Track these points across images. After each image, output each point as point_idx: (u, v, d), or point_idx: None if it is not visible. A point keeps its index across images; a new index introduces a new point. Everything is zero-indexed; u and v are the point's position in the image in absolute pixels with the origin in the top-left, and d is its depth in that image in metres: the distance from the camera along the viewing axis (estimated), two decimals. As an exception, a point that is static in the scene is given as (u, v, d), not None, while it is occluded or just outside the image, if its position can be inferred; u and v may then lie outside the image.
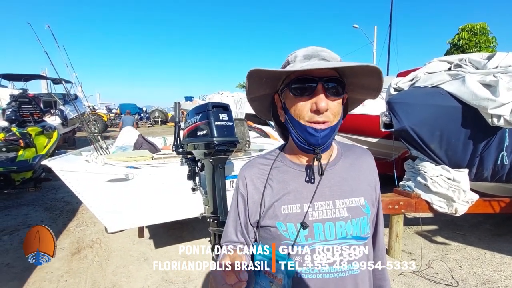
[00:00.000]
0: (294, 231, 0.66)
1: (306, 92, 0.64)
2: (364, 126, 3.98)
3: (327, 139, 0.66)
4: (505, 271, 2.74)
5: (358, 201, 0.70)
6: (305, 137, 0.65)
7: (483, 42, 12.14)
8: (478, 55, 2.84)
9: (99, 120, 14.86)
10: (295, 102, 0.65)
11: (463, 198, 2.67)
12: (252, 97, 0.75)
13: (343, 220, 0.68)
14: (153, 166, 2.62)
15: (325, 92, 0.63)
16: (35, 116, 7.12)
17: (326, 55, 0.66)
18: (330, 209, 0.68)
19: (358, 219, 0.68)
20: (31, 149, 5.07)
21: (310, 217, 0.67)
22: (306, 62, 0.65)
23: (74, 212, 4.29)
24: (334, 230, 0.67)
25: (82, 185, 2.35)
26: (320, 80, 0.63)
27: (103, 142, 3.31)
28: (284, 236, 0.67)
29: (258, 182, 0.73)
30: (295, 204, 0.68)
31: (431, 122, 2.58)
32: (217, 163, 1.97)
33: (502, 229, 3.69)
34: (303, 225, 0.65)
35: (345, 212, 0.68)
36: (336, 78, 0.64)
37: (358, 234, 0.68)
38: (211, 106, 1.95)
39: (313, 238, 0.66)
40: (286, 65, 0.69)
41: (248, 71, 0.64)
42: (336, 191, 0.70)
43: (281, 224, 0.67)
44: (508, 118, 2.27)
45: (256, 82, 0.68)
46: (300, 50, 0.69)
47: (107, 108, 24.60)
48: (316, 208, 0.68)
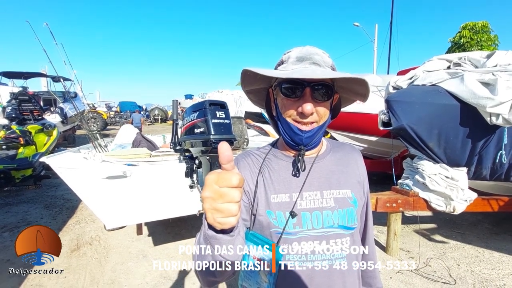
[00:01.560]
0: (283, 219, 0.68)
1: (294, 94, 0.66)
2: (363, 124, 3.97)
3: (311, 139, 0.69)
4: (503, 270, 2.74)
5: (345, 193, 0.73)
6: (290, 135, 0.69)
7: (485, 41, 12.08)
8: (478, 54, 2.83)
9: (99, 118, 14.88)
10: (284, 101, 0.68)
11: (462, 197, 2.67)
12: (248, 89, 0.79)
13: (329, 209, 0.70)
14: (151, 164, 2.62)
15: (313, 95, 0.66)
16: (35, 114, 7.13)
17: (318, 59, 0.68)
18: (318, 199, 0.71)
19: (345, 209, 0.71)
20: (31, 146, 5.09)
21: (298, 206, 0.69)
22: (298, 65, 0.68)
23: (74, 209, 4.31)
24: (321, 219, 0.69)
25: (80, 182, 2.36)
26: (308, 85, 0.65)
27: (101, 140, 3.31)
28: (273, 224, 0.69)
29: (253, 170, 0.75)
30: (285, 194, 0.71)
31: (429, 121, 2.57)
32: (214, 161, 1.97)
33: (501, 227, 3.69)
34: (291, 213, 0.68)
35: (332, 202, 0.71)
36: (325, 83, 0.66)
37: (345, 224, 0.70)
38: (208, 103, 1.95)
39: (301, 226, 0.68)
40: (280, 63, 0.72)
41: (242, 70, 0.67)
42: (324, 183, 0.73)
43: (270, 212, 0.70)
44: (506, 116, 2.26)
45: (251, 78, 0.70)
46: (294, 49, 0.71)
47: (107, 106, 24.61)
48: (304, 198, 0.70)
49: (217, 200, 0.45)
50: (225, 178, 0.44)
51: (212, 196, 0.45)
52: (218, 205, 0.45)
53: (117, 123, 19.16)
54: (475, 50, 10.39)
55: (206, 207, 0.46)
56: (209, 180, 0.45)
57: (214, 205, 0.45)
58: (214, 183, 0.45)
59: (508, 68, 2.43)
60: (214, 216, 0.46)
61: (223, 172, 0.45)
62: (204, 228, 0.52)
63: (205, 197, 0.46)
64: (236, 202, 0.45)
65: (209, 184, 0.45)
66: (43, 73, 10.30)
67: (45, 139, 5.72)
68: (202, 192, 0.47)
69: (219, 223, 0.47)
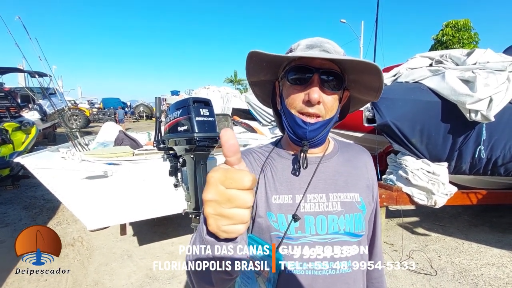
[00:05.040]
0: (284, 222, 0.63)
1: (302, 81, 0.62)
2: (348, 121, 4.01)
3: (316, 133, 0.64)
4: (481, 260, 2.86)
5: (353, 196, 0.67)
6: (294, 128, 0.64)
7: (466, 38, 12.46)
8: (458, 52, 2.89)
9: (80, 115, 14.41)
10: (290, 91, 0.63)
11: (442, 191, 2.75)
12: (253, 80, 0.73)
13: (335, 214, 0.64)
14: (134, 162, 2.56)
15: (321, 84, 0.61)
16: (12, 111, 6.79)
17: (329, 47, 0.64)
18: (323, 202, 0.65)
19: (352, 214, 0.65)
20: (8, 145, 4.85)
21: (301, 209, 0.64)
22: (307, 51, 0.63)
23: (54, 210, 4.17)
24: (326, 224, 0.64)
25: (59, 182, 2.27)
26: (317, 71, 0.61)
27: (81, 138, 3.20)
28: (273, 227, 0.63)
29: (255, 169, 0.69)
30: (287, 195, 0.65)
31: (412, 117, 2.62)
32: (198, 159, 1.94)
33: (479, 219, 3.84)
34: (294, 217, 0.62)
35: (338, 206, 0.65)
36: (335, 71, 0.62)
37: (352, 231, 0.65)
38: (192, 101, 1.91)
39: (304, 231, 0.63)
40: (289, 52, 0.68)
41: (248, 53, 0.62)
42: (330, 184, 0.67)
43: (271, 214, 0.64)
44: (485, 113, 2.33)
45: (257, 65, 0.66)
46: (304, 39, 0.67)
47: (90, 102, 23.86)
48: (309, 200, 0.65)
49: (223, 205, 0.36)
50: (234, 178, 0.35)
51: (217, 200, 0.36)
52: (225, 210, 0.36)
53: (100, 120, 18.62)
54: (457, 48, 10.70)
55: (208, 212, 0.37)
56: (212, 179, 0.36)
57: (219, 210, 0.36)
58: (220, 183, 0.36)
59: (486, 66, 2.50)
60: (219, 224, 0.37)
61: (231, 169, 0.36)
62: (202, 233, 0.42)
63: (208, 200, 0.36)
64: (248, 207, 0.37)
65: (213, 184, 0.36)
66: (20, 68, 9.84)
67: (23, 137, 5.47)
68: (204, 193, 0.37)
69: (225, 231, 0.38)
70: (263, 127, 5.51)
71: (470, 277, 2.59)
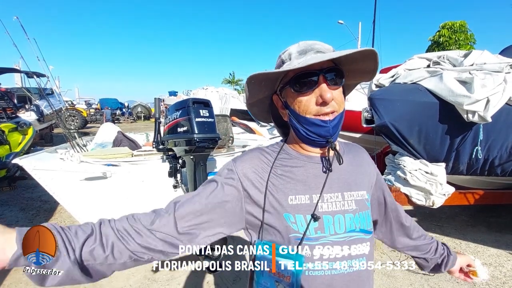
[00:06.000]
0: (303, 223, 0.63)
1: (308, 86, 0.63)
2: (347, 121, 4.02)
3: (337, 128, 0.66)
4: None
5: (362, 194, 0.70)
6: (315, 130, 0.65)
7: (462, 40, 12.55)
8: (456, 53, 2.91)
9: (78, 116, 14.32)
10: (300, 98, 0.64)
11: (440, 191, 2.76)
12: (252, 102, 0.74)
13: (351, 212, 0.66)
14: (133, 164, 2.55)
15: (327, 83, 0.63)
16: (8, 112, 6.74)
17: (320, 48, 0.66)
18: (339, 201, 0.66)
19: (364, 212, 0.68)
20: (5, 146, 4.82)
21: (320, 209, 0.64)
22: (302, 57, 0.64)
23: (52, 211, 4.14)
24: (344, 222, 0.65)
25: (57, 184, 2.25)
26: (321, 72, 0.62)
27: (80, 139, 3.18)
28: (292, 228, 0.63)
29: (261, 172, 0.68)
30: (304, 195, 0.65)
31: (410, 118, 2.63)
32: (198, 160, 1.93)
33: (476, 219, 3.87)
34: (314, 216, 0.62)
35: (353, 204, 0.67)
36: (335, 67, 0.65)
37: (365, 228, 0.67)
38: (192, 102, 1.91)
39: (323, 231, 0.63)
40: (281, 64, 0.68)
41: (248, 77, 0.63)
42: (343, 183, 0.69)
43: (289, 215, 0.63)
44: (482, 114, 2.34)
45: (256, 87, 0.67)
46: (291, 47, 0.68)
47: (87, 103, 23.71)
48: (326, 200, 0.65)
49: None
50: None
51: None
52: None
53: (97, 120, 18.53)
54: (454, 49, 10.78)
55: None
56: None
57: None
58: None
59: (483, 67, 2.52)
60: None
61: None
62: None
63: None
64: None
65: None
66: (17, 68, 9.77)
67: (19, 138, 5.43)
68: None
69: None
70: (261, 127, 5.52)
71: (468, 277, 2.61)
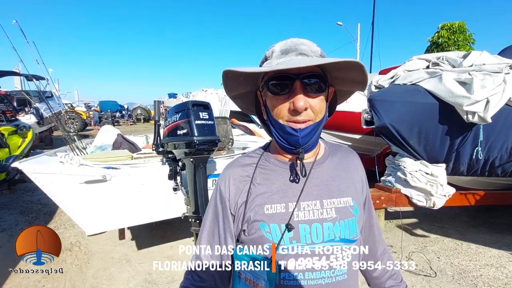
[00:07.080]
0: (278, 232, 0.61)
1: (284, 90, 0.59)
2: (346, 122, 4.03)
3: (308, 138, 0.61)
4: (480, 261, 2.87)
5: (346, 201, 0.66)
6: (285, 137, 0.61)
7: (461, 40, 12.56)
8: (455, 54, 2.92)
9: (77, 118, 14.32)
10: (274, 101, 0.61)
11: (441, 192, 2.76)
12: (234, 94, 0.71)
13: (330, 221, 0.63)
14: (133, 166, 2.54)
15: (304, 89, 0.58)
16: (8, 115, 6.75)
17: (305, 49, 0.61)
18: (317, 209, 0.63)
19: (347, 220, 0.64)
20: (4, 149, 4.82)
21: (295, 218, 0.62)
22: (283, 58, 0.60)
23: (52, 214, 4.13)
24: (321, 232, 0.62)
25: (57, 187, 2.25)
26: (297, 77, 0.57)
27: (79, 142, 3.18)
28: (266, 238, 0.61)
29: (242, 183, 0.67)
30: (280, 204, 0.63)
31: (410, 119, 2.63)
32: (198, 163, 1.93)
33: (477, 220, 3.86)
34: (288, 226, 0.60)
35: (333, 212, 0.63)
36: (317, 73, 0.59)
37: (347, 237, 0.64)
38: (191, 104, 1.90)
39: (298, 240, 0.61)
40: (264, 61, 0.66)
41: (223, 72, 0.60)
42: (323, 190, 0.65)
43: (263, 225, 0.62)
44: (482, 114, 2.34)
45: (234, 81, 0.64)
46: (278, 43, 0.64)
47: (86, 105, 23.70)
48: (302, 208, 0.63)
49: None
50: None
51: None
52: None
53: (97, 123, 18.52)
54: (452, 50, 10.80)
55: None
56: None
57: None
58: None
59: (483, 67, 2.53)
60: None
61: None
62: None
63: None
64: None
65: None
66: (16, 71, 9.78)
67: (19, 141, 5.43)
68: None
69: None
70: (261, 129, 5.51)
71: (470, 278, 2.60)
